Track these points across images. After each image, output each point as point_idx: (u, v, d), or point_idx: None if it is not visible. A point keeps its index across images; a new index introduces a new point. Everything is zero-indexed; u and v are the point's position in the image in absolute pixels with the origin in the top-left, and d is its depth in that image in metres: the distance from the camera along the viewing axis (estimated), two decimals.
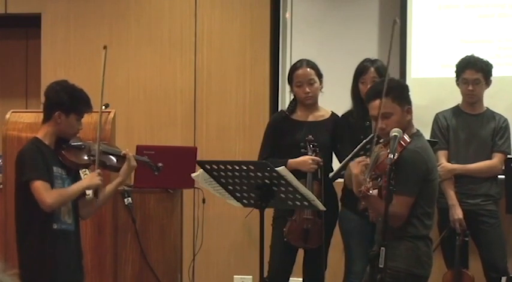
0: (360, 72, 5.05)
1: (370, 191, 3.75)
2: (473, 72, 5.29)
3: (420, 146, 3.94)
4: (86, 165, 4.33)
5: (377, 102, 3.91)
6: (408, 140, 3.87)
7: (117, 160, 4.34)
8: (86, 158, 4.22)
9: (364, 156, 3.98)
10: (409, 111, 3.97)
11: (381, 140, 3.94)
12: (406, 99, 3.98)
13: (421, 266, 3.91)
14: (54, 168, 4.11)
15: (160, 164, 4.57)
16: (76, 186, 4.13)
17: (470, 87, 5.31)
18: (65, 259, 4.14)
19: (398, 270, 3.83)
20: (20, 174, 4.11)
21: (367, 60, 5.08)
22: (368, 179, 3.73)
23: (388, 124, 3.89)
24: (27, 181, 4.04)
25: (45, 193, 4.00)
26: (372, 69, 5.01)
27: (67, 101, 4.12)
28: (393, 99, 3.91)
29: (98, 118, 4.26)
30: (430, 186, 3.93)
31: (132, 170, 4.38)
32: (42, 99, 4.28)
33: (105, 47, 4.27)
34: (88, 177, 4.17)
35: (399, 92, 3.97)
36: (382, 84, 3.97)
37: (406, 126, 3.95)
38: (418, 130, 4.05)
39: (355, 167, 3.81)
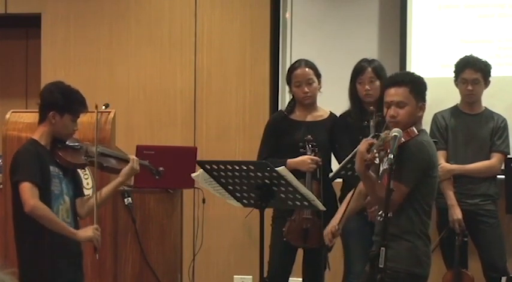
0: (357, 72, 5.04)
1: (377, 160, 3.72)
2: (473, 72, 5.29)
3: (426, 140, 3.96)
4: (82, 166, 4.33)
5: (393, 90, 3.92)
6: (416, 133, 3.89)
7: (116, 162, 4.34)
8: (82, 158, 4.22)
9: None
10: (422, 108, 3.97)
11: (381, 134, 3.93)
12: (422, 96, 3.98)
13: (420, 266, 3.90)
14: (51, 168, 4.11)
15: (161, 168, 4.59)
16: (65, 227, 4.08)
17: (470, 87, 5.31)
18: (64, 259, 4.13)
19: (398, 270, 3.82)
20: (11, 175, 4.12)
21: (364, 60, 5.08)
22: (375, 150, 3.72)
23: (400, 113, 3.89)
24: (17, 182, 4.05)
25: (30, 195, 3.97)
26: (369, 69, 5.01)
27: (61, 101, 4.13)
28: (410, 91, 3.92)
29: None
30: (431, 183, 3.93)
31: (133, 173, 4.38)
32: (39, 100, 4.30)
33: (96, 107, 4.47)
34: (82, 230, 4.16)
35: (418, 86, 3.98)
36: (404, 74, 3.97)
37: (416, 122, 3.95)
38: (424, 129, 4.07)
39: (362, 144, 3.78)
